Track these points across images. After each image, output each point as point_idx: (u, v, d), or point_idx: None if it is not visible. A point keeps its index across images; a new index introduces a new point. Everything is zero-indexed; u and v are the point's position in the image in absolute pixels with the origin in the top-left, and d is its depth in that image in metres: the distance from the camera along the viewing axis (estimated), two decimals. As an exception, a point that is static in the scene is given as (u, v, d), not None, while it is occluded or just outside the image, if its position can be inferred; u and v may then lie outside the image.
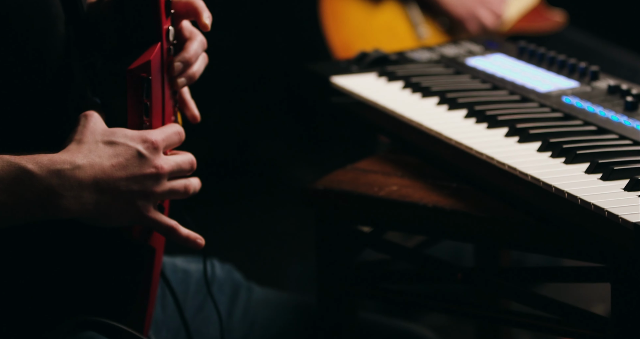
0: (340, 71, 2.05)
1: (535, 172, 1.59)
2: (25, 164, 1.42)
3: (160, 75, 1.55)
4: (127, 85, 1.51)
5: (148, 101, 1.52)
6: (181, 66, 1.58)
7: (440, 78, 1.99)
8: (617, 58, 3.17)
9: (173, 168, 1.51)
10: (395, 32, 3.14)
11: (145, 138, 1.49)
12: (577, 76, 1.96)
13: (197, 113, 1.68)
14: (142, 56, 1.52)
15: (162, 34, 1.54)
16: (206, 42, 1.62)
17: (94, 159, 1.45)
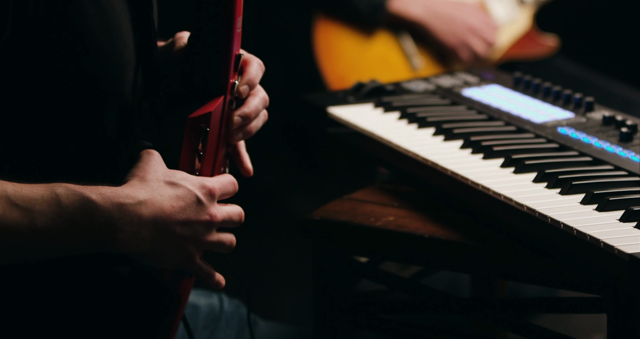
0: (337, 102, 2.06)
1: (531, 203, 1.60)
2: (90, 194, 1.42)
3: (218, 127, 1.56)
4: (185, 133, 1.52)
5: (202, 150, 1.54)
6: (240, 121, 1.59)
7: (436, 109, 2.01)
8: (610, 88, 3.18)
9: (225, 218, 1.52)
10: (389, 63, 3.15)
11: (205, 184, 1.50)
12: (572, 107, 1.97)
13: (251, 168, 1.69)
14: (204, 106, 1.53)
15: (227, 88, 1.56)
16: (268, 100, 1.63)
17: (156, 197, 1.46)
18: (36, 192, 1.40)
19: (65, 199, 1.41)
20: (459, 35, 3.15)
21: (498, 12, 3.22)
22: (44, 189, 1.41)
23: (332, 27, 3.16)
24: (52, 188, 1.41)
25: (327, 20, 3.16)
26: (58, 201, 1.41)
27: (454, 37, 3.15)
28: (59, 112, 1.48)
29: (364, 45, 3.16)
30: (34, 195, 1.40)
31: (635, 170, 1.69)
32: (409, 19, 3.14)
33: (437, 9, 3.15)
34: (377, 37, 3.17)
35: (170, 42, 1.65)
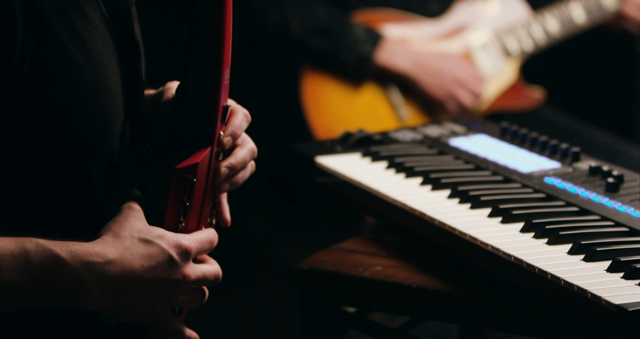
0: (325, 151, 2.06)
1: (518, 253, 1.60)
2: (59, 252, 1.42)
3: (205, 178, 1.56)
4: (171, 184, 1.52)
5: (189, 202, 1.54)
6: (227, 172, 1.59)
7: (423, 159, 2.01)
8: (596, 138, 3.20)
9: (199, 278, 1.52)
10: (376, 114, 3.17)
11: (180, 243, 1.49)
12: (558, 157, 1.98)
13: (229, 218, 1.69)
14: (190, 157, 1.53)
15: (214, 139, 1.56)
16: (256, 151, 1.64)
17: (127, 256, 1.45)
18: (5, 247, 1.40)
19: (34, 255, 1.41)
20: (446, 87, 3.17)
21: (484, 64, 3.24)
22: (14, 244, 1.41)
23: (319, 78, 3.17)
24: (22, 243, 1.41)
25: (314, 71, 3.18)
26: (27, 257, 1.41)
27: (441, 90, 3.17)
28: (45, 163, 1.48)
29: (351, 96, 3.17)
30: (2, 250, 1.40)
31: (622, 220, 1.69)
32: (395, 71, 3.16)
33: (424, 61, 3.17)
34: (364, 88, 3.18)
35: (159, 91, 1.65)
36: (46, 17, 1.44)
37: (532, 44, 3.27)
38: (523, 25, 3.27)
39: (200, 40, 1.52)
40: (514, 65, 3.30)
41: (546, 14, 3.28)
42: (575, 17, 3.28)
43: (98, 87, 1.49)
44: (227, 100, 1.59)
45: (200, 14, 1.52)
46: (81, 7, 1.49)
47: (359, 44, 3.12)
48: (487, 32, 3.26)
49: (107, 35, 1.53)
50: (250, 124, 1.63)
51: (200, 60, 1.53)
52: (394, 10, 3.23)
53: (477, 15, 3.27)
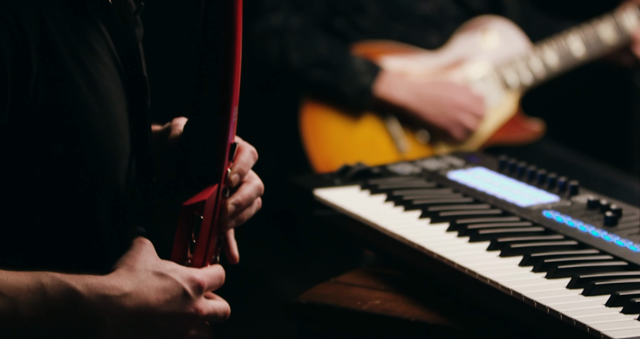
0: (324, 184, 2.07)
1: (517, 287, 1.60)
2: (75, 285, 1.42)
3: (212, 215, 1.56)
4: (179, 221, 1.53)
5: (195, 239, 1.54)
6: (234, 209, 1.60)
7: (422, 192, 2.01)
8: (594, 171, 3.21)
9: (210, 313, 1.52)
10: (375, 146, 3.17)
11: (193, 277, 1.50)
12: (557, 190, 1.98)
13: (237, 255, 1.69)
14: (198, 195, 1.53)
15: (221, 176, 1.57)
16: (263, 188, 1.64)
17: (142, 289, 1.46)
18: (22, 281, 1.40)
19: (50, 289, 1.41)
20: (449, 114, 3.18)
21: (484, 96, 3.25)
22: (30, 278, 1.41)
23: (319, 110, 3.18)
24: (38, 277, 1.41)
25: (313, 103, 3.18)
26: (43, 291, 1.41)
27: (443, 117, 3.18)
28: (51, 198, 1.48)
29: (351, 128, 3.18)
30: (19, 285, 1.40)
31: (621, 254, 1.69)
32: (395, 103, 3.17)
33: (423, 91, 3.18)
34: (364, 120, 3.19)
35: (166, 127, 1.65)
36: (59, 53, 1.45)
37: (531, 77, 3.28)
38: (522, 58, 3.28)
39: (209, 78, 1.53)
40: (513, 97, 3.31)
41: (545, 47, 3.29)
42: (574, 50, 3.29)
43: (106, 124, 1.50)
44: (235, 137, 1.59)
45: (210, 51, 1.52)
46: (91, 44, 1.50)
47: (358, 75, 3.13)
48: (486, 65, 3.27)
49: (115, 71, 1.54)
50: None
51: (209, 98, 1.53)
52: (393, 42, 3.25)
53: (476, 48, 3.28)
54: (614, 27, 3.30)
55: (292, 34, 3.13)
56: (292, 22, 3.15)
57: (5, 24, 1.39)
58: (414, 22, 3.25)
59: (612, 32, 3.30)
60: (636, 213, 1.85)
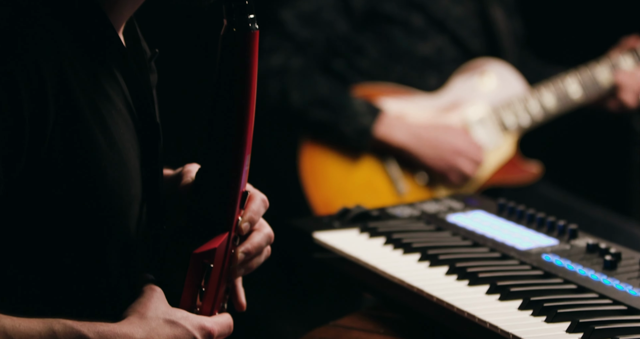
0: (323, 227, 2.07)
1: (516, 331, 1.60)
2: (87, 332, 1.43)
3: (221, 263, 1.57)
4: (189, 268, 1.53)
5: (205, 287, 1.54)
6: (243, 257, 1.60)
7: (421, 235, 2.02)
8: (593, 215, 3.21)
9: None
10: (374, 188, 3.18)
11: (204, 326, 1.50)
12: (556, 234, 1.98)
13: (244, 303, 1.70)
14: (208, 242, 1.54)
15: (232, 225, 1.57)
16: (273, 236, 1.65)
17: (153, 337, 1.46)
18: (34, 328, 1.40)
19: (62, 336, 1.41)
20: (446, 158, 3.19)
21: (482, 138, 3.26)
22: (42, 325, 1.41)
23: (318, 151, 3.19)
24: (49, 324, 1.41)
25: (313, 144, 3.19)
26: (55, 338, 1.40)
27: (441, 161, 3.19)
28: (62, 243, 1.48)
29: (350, 169, 3.19)
30: (31, 332, 1.40)
31: (620, 298, 1.69)
32: (394, 144, 3.18)
33: (422, 134, 3.19)
34: (363, 161, 3.20)
35: (177, 173, 1.66)
36: (76, 101, 1.45)
37: (529, 119, 3.29)
38: (520, 100, 3.29)
39: (223, 126, 1.53)
40: (511, 139, 3.32)
41: (543, 89, 3.31)
42: (571, 93, 3.31)
43: (118, 170, 1.50)
44: (246, 185, 1.59)
45: (224, 101, 1.53)
46: (106, 91, 1.51)
47: (358, 116, 3.14)
48: (485, 107, 3.29)
49: (128, 117, 1.54)
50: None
51: (222, 146, 1.54)
52: (392, 84, 3.26)
53: (475, 90, 3.30)
54: (610, 69, 3.32)
55: (293, 75, 3.15)
56: (292, 62, 3.16)
57: (25, 72, 1.40)
58: (413, 63, 3.27)
59: (609, 74, 3.32)
60: (635, 257, 1.85)
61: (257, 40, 1.54)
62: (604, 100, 3.36)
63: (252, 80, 1.53)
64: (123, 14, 1.56)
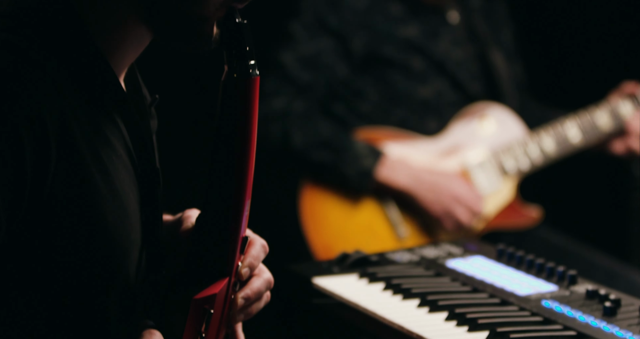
0: (322, 272, 2.07)
1: (516, 378, 1.59)
2: None
3: (221, 309, 1.56)
4: (189, 314, 1.52)
5: (205, 332, 1.54)
6: (243, 303, 1.60)
7: (420, 280, 2.01)
8: (593, 260, 3.20)
9: None
10: (374, 231, 3.18)
11: None
12: (555, 279, 1.98)
13: None
14: (208, 288, 1.53)
15: (232, 270, 1.57)
16: (273, 282, 1.65)
17: None
18: None
19: None
20: (444, 203, 3.18)
21: (482, 182, 3.27)
22: None
23: (318, 194, 3.19)
24: None
25: (313, 186, 3.20)
26: None
27: (439, 206, 3.18)
28: (61, 289, 1.48)
29: (350, 213, 3.19)
30: None
31: (620, 345, 1.69)
32: (395, 187, 3.18)
33: (423, 177, 3.20)
34: (363, 205, 3.20)
35: (178, 218, 1.66)
36: (77, 147, 1.46)
37: (528, 163, 3.30)
38: (519, 144, 3.30)
39: (223, 173, 1.54)
40: (511, 183, 3.32)
41: (542, 133, 3.31)
42: (570, 137, 3.32)
43: (118, 216, 1.51)
44: (246, 230, 1.60)
45: (225, 147, 1.53)
46: (107, 136, 1.52)
47: (360, 158, 3.15)
48: (484, 151, 3.29)
49: (129, 163, 1.55)
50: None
51: (222, 192, 1.54)
52: (392, 128, 3.27)
53: (474, 134, 3.31)
54: (610, 114, 3.33)
55: (295, 117, 3.16)
56: (294, 105, 3.17)
57: (28, 119, 1.41)
58: (412, 107, 3.28)
59: (608, 119, 3.33)
60: (635, 303, 1.85)
61: (258, 86, 1.54)
62: (611, 144, 3.36)
63: (253, 126, 1.54)
64: (124, 60, 1.57)
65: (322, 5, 3.21)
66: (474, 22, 3.38)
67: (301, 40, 3.19)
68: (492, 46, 3.38)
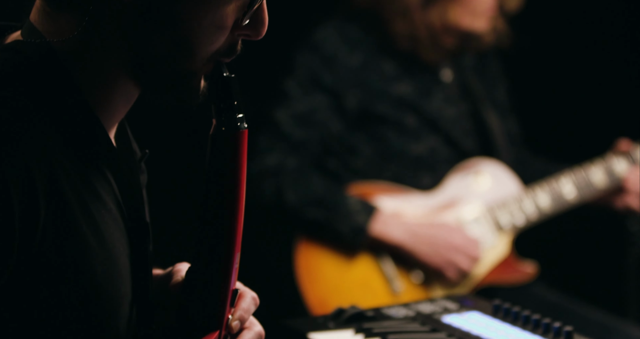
0: (317, 327, 2.06)
1: None
2: None
3: None
4: None
5: None
6: None
7: (416, 336, 2.01)
8: (589, 316, 3.19)
9: None
10: (370, 286, 3.17)
11: None
12: (551, 336, 1.97)
13: None
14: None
15: (223, 323, 1.57)
16: (264, 335, 1.64)
17: None
18: None
19: None
20: (443, 254, 3.18)
21: (477, 237, 3.26)
22: None
23: (313, 250, 3.19)
24: None
25: (308, 243, 3.19)
26: None
27: (438, 257, 3.18)
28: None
29: (345, 268, 3.18)
30: None
31: (617, 401, 1.68)
32: (390, 242, 3.18)
33: (418, 231, 3.20)
34: (358, 260, 3.19)
35: (168, 272, 1.66)
36: (66, 201, 1.46)
37: (523, 219, 3.30)
38: (515, 199, 3.31)
39: (213, 226, 1.54)
40: (506, 239, 3.32)
41: (537, 189, 3.32)
42: (565, 193, 3.32)
43: (108, 270, 1.51)
44: (236, 283, 1.59)
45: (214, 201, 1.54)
46: (97, 190, 1.52)
47: (353, 214, 3.15)
48: (479, 206, 3.30)
49: (118, 217, 1.55)
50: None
51: (212, 246, 1.54)
52: (386, 183, 3.28)
53: (469, 190, 3.31)
54: (604, 171, 3.34)
55: (288, 174, 3.17)
56: (287, 162, 3.18)
57: (16, 174, 1.41)
58: (406, 163, 3.29)
59: (603, 176, 3.34)
60: (631, 359, 1.84)
61: (246, 139, 1.55)
62: (609, 200, 3.37)
63: (242, 179, 1.55)
64: (115, 115, 1.58)
65: (316, 62, 3.23)
66: (467, 80, 3.40)
67: (295, 98, 3.21)
68: (485, 103, 3.40)
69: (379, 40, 3.28)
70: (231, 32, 1.54)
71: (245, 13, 1.53)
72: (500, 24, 3.37)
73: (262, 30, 1.56)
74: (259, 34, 1.57)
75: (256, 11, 1.55)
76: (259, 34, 1.57)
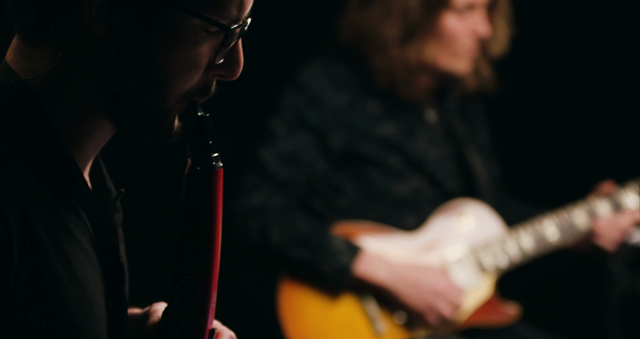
0: (300, 367, 2.06)
1: None
2: None
3: None
4: None
5: None
6: None
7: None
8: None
9: None
10: (353, 327, 3.16)
11: None
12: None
13: None
14: None
15: None
16: None
17: None
18: None
19: None
20: (426, 299, 3.18)
21: (460, 279, 3.27)
22: None
23: (296, 289, 3.19)
24: None
25: (291, 282, 3.19)
26: None
27: (420, 301, 3.18)
28: None
29: (328, 308, 3.18)
30: None
31: None
32: (374, 283, 3.17)
33: (403, 273, 3.19)
34: (341, 300, 3.19)
35: (144, 312, 1.65)
36: (40, 242, 1.46)
37: (507, 260, 3.30)
38: (498, 241, 3.31)
39: (189, 266, 1.54)
40: (489, 280, 3.32)
41: (521, 231, 3.33)
42: (548, 235, 3.33)
43: (83, 310, 1.50)
44: (213, 323, 1.59)
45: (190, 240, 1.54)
46: (71, 230, 1.52)
47: (337, 254, 3.15)
48: (463, 248, 3.30)
49: (93, 256, 1.55)
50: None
51: (188, 285, 1.54)
52: (370, 223, 3.28)
53: (453, 231, 3.32)
54: (587, 214, 3.35)
55: (273, 213, 3.17)
56: (272, 202, 3.18)
57: None
58: (390, 203, 3.29)
59: (586, 218, 3.35)
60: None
61: (222, 178, 1.55)
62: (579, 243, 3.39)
63: (217, 218, 1.55)
64: (88, 153, 1.58)
65: (302, 102, 3.24)
66: (450, 121, 3.41)
67: (281, 137, 3.21)
68: (468, 145, 3.42)
69: (363, 79, 3.28)
70: (205, 72, 1.54)
71: (219, 51, 1.53)
72: (484, 69, 3.38)
73: (237, 70, 1.55)
74: (233, 74, 1.55)
75: (230, 51, 1.54)
76: (233, 74, 1.55)
